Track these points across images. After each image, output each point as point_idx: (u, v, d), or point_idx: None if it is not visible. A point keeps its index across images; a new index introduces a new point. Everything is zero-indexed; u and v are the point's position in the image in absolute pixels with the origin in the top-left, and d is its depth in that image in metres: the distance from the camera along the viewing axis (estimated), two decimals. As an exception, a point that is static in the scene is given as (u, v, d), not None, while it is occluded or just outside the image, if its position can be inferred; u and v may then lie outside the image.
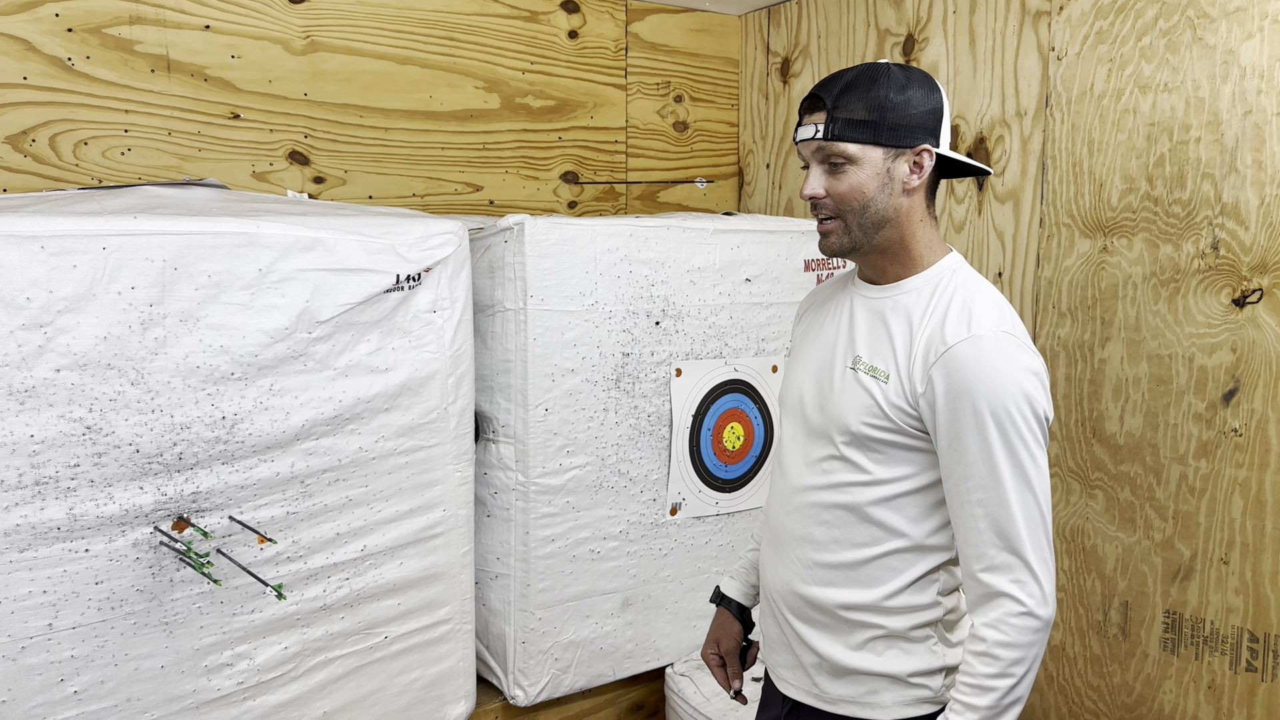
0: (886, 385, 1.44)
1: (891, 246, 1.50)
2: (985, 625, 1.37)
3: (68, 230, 1.73)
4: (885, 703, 1.52)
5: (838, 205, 1.46)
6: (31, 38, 2.24)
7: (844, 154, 1.44)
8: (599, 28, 3.10)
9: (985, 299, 1.45)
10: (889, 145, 1.45)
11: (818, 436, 1.53)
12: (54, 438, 1.76)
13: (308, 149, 2.63)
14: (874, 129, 1.43)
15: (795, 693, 1.61)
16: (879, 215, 1.46)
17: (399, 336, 2.13)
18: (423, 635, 2.30)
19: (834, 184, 1.46)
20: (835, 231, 1.48)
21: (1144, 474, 2.33)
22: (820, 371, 1.56)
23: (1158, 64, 2.24)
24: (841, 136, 1.43)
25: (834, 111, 1.43)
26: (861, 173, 1.44)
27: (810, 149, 1.47)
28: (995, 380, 1.36)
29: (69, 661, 1.84)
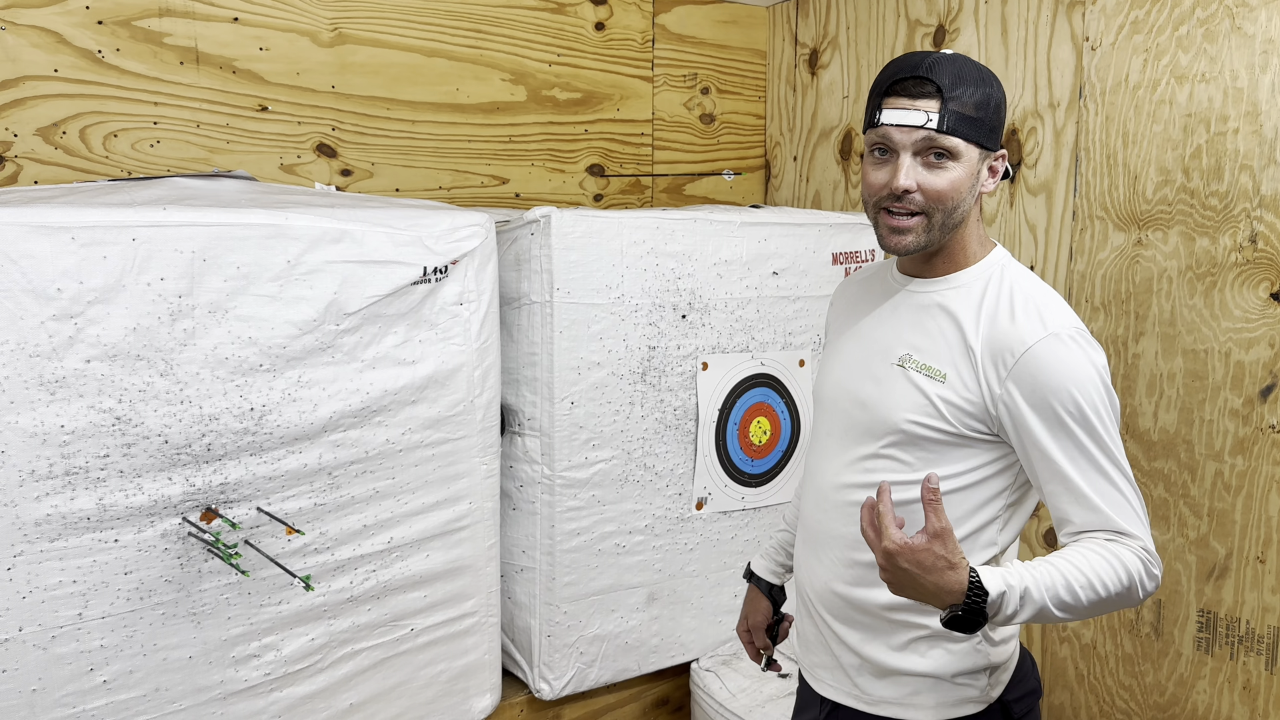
0: (943, 384, 1.39)
1: (951, 245, 1.44)
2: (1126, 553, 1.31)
3: (98, 221, 1.74)
4: (928, 704, 1.48)
5: (929, 202, 1.37)
6: (62, 30, 2.25)
7: (952, 149, 1.35)
8: (626, 19, 3.08)
9: (1048, 295, 1.41)
10: (987, 147, 1.39)
11: (860, 434, 1.48)
12: (84, 428, 1.77)
13: (335, 141, 2.64)
14: (979, 127, 1.36)
15: (834, 694, 1.57)
16: (961, 216, 1.40)
17: (426, 329, 2.13)
18: (449, 628, 2.30)
19: (930, 179, 1.36)
20: (916, 230, 1.39)
21: (1178, 471, 2.29)
22: (863, 367, 1.50)
23: (1195, 54, 2.20)
24: (956, 130, 1.34)
25: (949, 101, 1.33)
26: (961, 170, 1.36)
27: (914, 137, 1.35)
28: (1081, 378, 1.33)
29: (98, 651, 1.85)
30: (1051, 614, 1.28)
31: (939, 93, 1.33)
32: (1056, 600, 1.27)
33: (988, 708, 1.47)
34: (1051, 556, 1.31)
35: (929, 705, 1.48)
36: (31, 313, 1.69)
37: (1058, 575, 1.27)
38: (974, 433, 1.39)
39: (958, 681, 1.47)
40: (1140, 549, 1.32)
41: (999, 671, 1.49)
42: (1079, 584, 1.28)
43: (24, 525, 1.74)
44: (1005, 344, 1.35)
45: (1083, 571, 1.28)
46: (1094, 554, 1.30)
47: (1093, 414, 1.33)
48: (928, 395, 1.40)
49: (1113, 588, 1.29)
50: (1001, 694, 1.49)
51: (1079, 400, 1.32)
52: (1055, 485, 1.35)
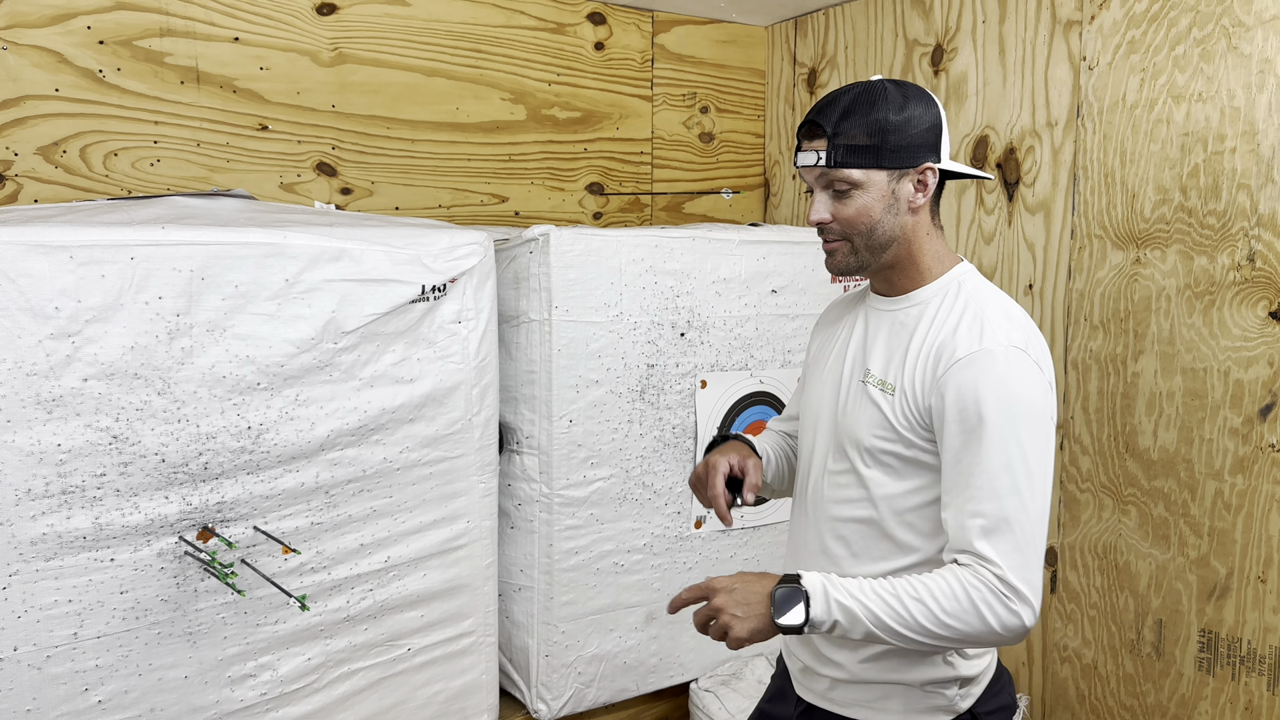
0: (893, 398, 1.44)
1: (899, 262, 1.50)
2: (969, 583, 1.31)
3: (96, 240, 1.74)
4: (896, 708, 1.52)
5: (844, 229, 1.46)
6: (64, 50, 2.27)
7: (848, 180, 1.44)
8: (625, 39, 3.09)
9: (996, 310, 1.43)
10: (892, 167, 1.44)
11: (835, 450, 1.52)
12: (81, 447, 1.77)
13: (335, 160, 2.64)
14: (876, 153, 1.43)
15: (810, 696, 1.62)
16: (886, 236, 1.47)
17: (424, 347, 2.13)
18: (446, 648, 2.29)
19: (840, 209, 1.45)
20: (840, 251, 1.49)
21: (1178, 490, 2.29)
22: (836, 385, 1.56)
23: (1191, 73, 2.20)
24: (844, 163, 1.43)
25: (835, 138, 1.42)
26: (867, 196, 1.44)
27: (813, 175, 1.47)
28: (1004, 396, 1.35)
29: (93, 671, 1.84)
30: (878, 618, 1.30)
31: (824, 133, 1.43)
32: (880, 604, 1.30)
33: (956, 718, 1.50)
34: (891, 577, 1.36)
35: (897, 710, 1.51)
36: (29, 331, 1.69)
37: (884, 585, 1.33)
38: (925, 444, 1.42)
39: (926, 690, 1.50)
40: (994, 577, 1.30)
41: (970, 684, 1.52)
42: (907, 594, 1.31)
43: (20, 544, 1.74)
44: (940, 355, 1.40)
45: (914, 585, 1.32)
46: (936, 575, 1.33)
47: (1006, 429, 1.33)
48: (881, 410, 1.45)
49: (947, 605, 1.29)
50: (972, 706, 1.52)
51: (991, 414, 1.34)
52: (951, 495, 1.37)
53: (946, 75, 2.77)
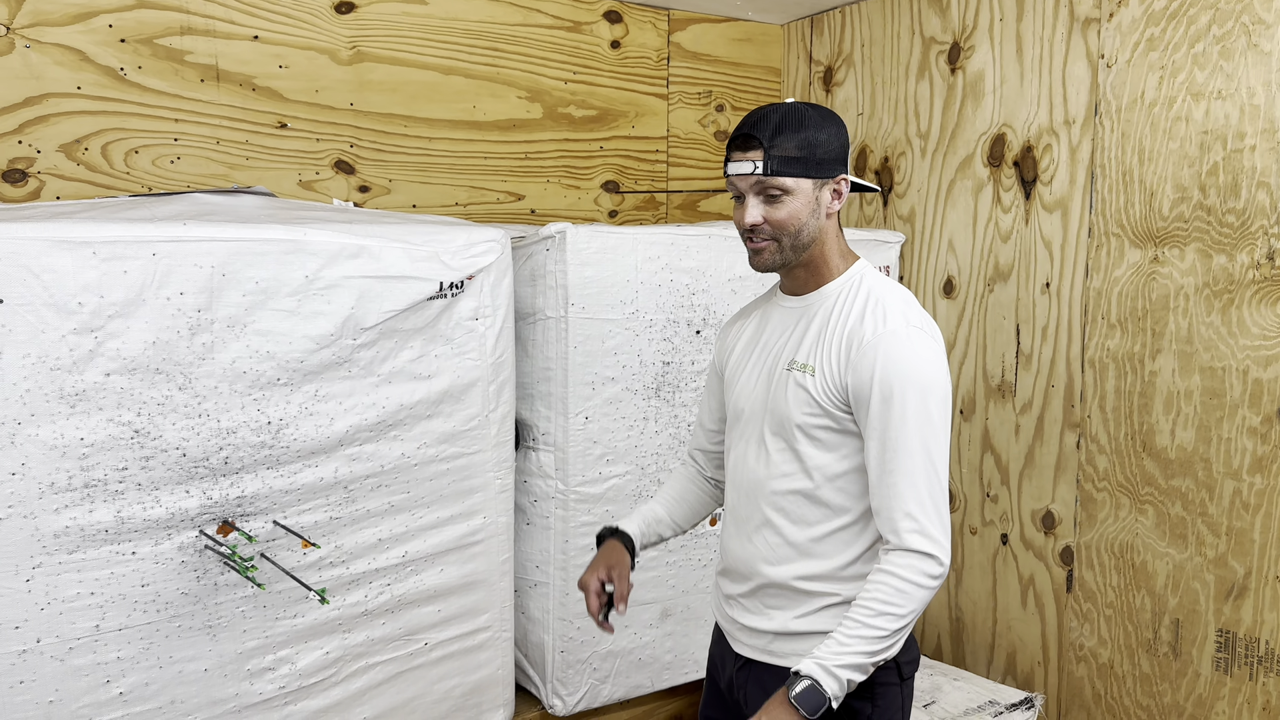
0: (814, 379, 1.63)
1: (813, 260, 1.70)
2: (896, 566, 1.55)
3: (119, 236, 1.76)
4: None
5: (775, 231, 1.64)
6: (85, 48, 2.29)
7: (781, 187, 1.62)
8: (641, 37, 3.10)
9: (893, 299, 1.64)
10: (816, 177, 1.64)
11: (770, 434, 1.70)
12: (103, 441, 1.78)
13: (353, 158, 2.66)
14: (805, 164, 1.62)
15: (750, 651, 1.77)
16: (809, 237, 1.66)
17: (441, 344, 2.14)
18: (462, 642, 2.30)
19: (772, 212, 1.64)
20: (768, 250, 1.66)
21: (1196, 489, 2.28)
22: (764, 376, 1.74)
23: (1211, 71, 2.20)
24: (780, 172, 1.61)
25: (770, 150, 1.61)
26: (796, 202, 1.63)
27: (749, 183, 1.64)
28: (907, 368, 1.56)
29: (115, 663, 1.86)
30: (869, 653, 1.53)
31: (760, 145, 1.62)
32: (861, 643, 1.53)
33: (884, 665, 1.68)
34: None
35: None
36: (53, 326, 1.71)
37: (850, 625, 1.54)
38: (845, 417, 1.62)
39: None
40: (920, 555, 1.54)
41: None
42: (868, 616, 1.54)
43: (43, 537, 1.75)
44: (850, 338, 1.61)
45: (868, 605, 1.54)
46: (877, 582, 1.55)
47: (918, 401, 1.55)
48: (807, 390, 1.64)
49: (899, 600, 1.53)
50: (896, 655, 1.68)
51: (904, 388, 1.55)
52: (878, 486, 1.58)
53: (963, 73, 2.76)
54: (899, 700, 1.73)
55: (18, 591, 1.75)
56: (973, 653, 2.87)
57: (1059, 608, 2.62)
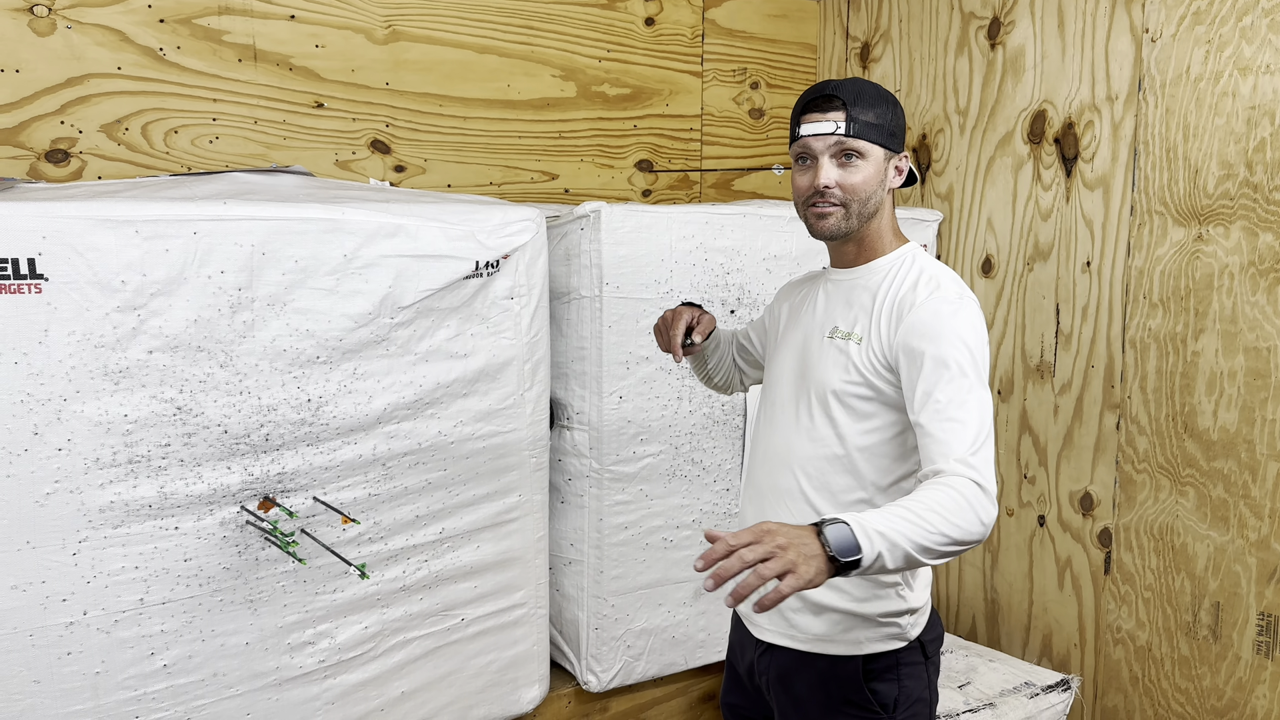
0: (860, 346, 1.63)
1: (869, 234, 1.69)
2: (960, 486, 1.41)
3: (161, 215, 1.78)
4: (858, 639, 1.68)
5: (846, 195, 1.63)
6: (125, 28, 2.31)
7: (859, 150, 1.62)
8: (675, 14, 3.08)
9: (945, 275, 1.64)
10: (888, 148, 1.65)
11: (805, 401, 1.69)
12: (146, 418, 1.81)
13: (389, 138, 2.67)
14: (882, 132, 1.63)
15: (771, 636, 1.74)
16: (874, 206, 1.65)
17: (477, 323, 2.15)
18: (498, 618, 2.32)
19: (846, 176, 1.62)
20: (835, 215, 1.64)
21: (1239, 471, 2.25)
22: (804, 346, 1.74)
23: (1259, 45, 2.15)
24: (861, 135, 1.61)
25: (853, 110, 1.60)
26: (869, 168, 1.63)
27: (827, 143, 1.62)
28: (963, 329, 1.54)
29: (159, 636, 1.89)
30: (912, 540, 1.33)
31: (844, 106, 1.61)
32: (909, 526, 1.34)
33: (908, 645, 1.69)
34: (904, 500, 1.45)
35: (860, 640, 1.68)
36: (97, 304, 1.73)
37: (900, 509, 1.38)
38: (887, 385, 1.60)
39: (881, 621, 1.67)
40: (975, 483, 1.42)
41: (917, 615, 1.71)
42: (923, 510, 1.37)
43: (89, 512, 1.79)
44: (902, 304, 1.60)
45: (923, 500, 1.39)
46: (935, 487, 1.41)
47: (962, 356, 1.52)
48: (848, 356, 1.64)
49: (954, 511, 1.37)
50: (920, 634, 1.70)
51: (952, 352, 1.52)
52: (921, 415, 1.52)
53: (1003, 49, 2.72)
54: (925, 678, 1.73)
55: (65, 565, 1.78)
56: (1008, 634, 2.86)
57: (1096, 590, 2.59)
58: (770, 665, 1.76)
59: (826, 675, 1.70)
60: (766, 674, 1.77)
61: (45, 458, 1.74)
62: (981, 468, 1.45)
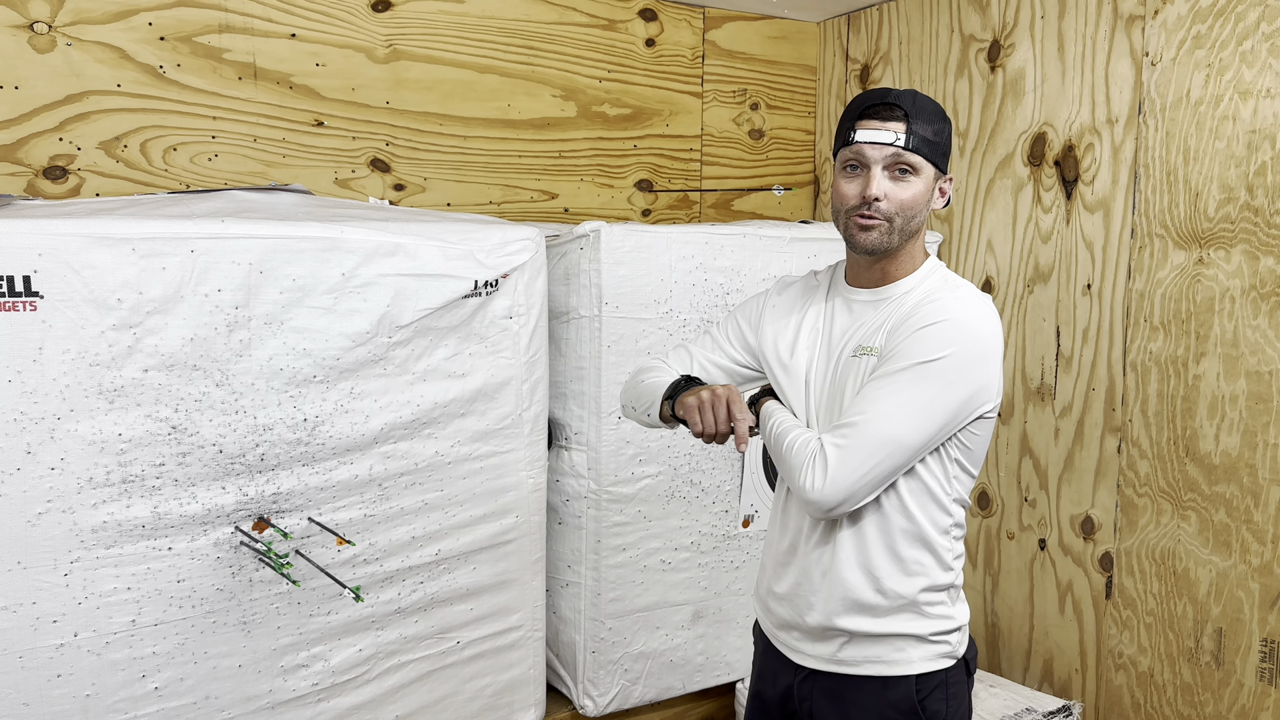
0: (877, 359, 1.58)
1: (903, 254, 1.63)
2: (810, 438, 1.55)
3: (158, 233, 1.77)
4: (913, 658, 1.63)
5: (894, 210, 1.55)
6: (125, 46, 2.30)
7: (915, 165, 1.55)
8: (676, 35, 3.09)
9: (956, 292, 1.58)
10: (939, 168, 1.59)
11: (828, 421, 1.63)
12: (141, 437, 1.79)
13: (389, 156, 2.66)
14: (935, 149, 1.57)
15: (813, 662, 1.68)
16: (918, 226, 1.59)
17: (476, 342, 2.14)
18: (494, 641, 2.30)
19: (897, 190, 1.55)
20: (880, 230, 1.56)
21: (1241, 495, 2.23)
22: (828, 364, 1.66)
23: (1260, 69, 2.15)
24: (919, 149, 1.54)
25: (913, 123, 1.53)
26: (921, 184, 1.56)
27: (884, 153, 1.55)
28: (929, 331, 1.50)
29: (150, 658, 1.87)
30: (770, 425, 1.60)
31: (906, 117, 1.54)
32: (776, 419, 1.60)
33: (956, 663, 1.66)
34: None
35: (913, 660, 1.63)
36: (92, 322, 1.72)
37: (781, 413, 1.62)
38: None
39: (934, 639, 1.63)
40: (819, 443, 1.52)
41: (962, 631, 1.68)
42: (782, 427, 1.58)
43: (81, 532, 1.77)
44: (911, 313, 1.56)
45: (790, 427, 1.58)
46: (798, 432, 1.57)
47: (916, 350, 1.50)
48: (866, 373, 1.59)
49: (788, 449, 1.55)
50: (964, 652, 1.68)
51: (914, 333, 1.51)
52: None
53: (1003, 71, 2.73)
54: (968, 696, 1.71)
55: (56, 585, 1.76)
56: (1009, 659, 2.83)
57: (1098, 615, 2.57)
58: (813, 691, 1.68)
59: (879, 697, 1.63)
60: (809, 700, 1.69)
61: (38, 477, 1.72)
62: (840, 440, 1.50)
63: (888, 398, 1.50)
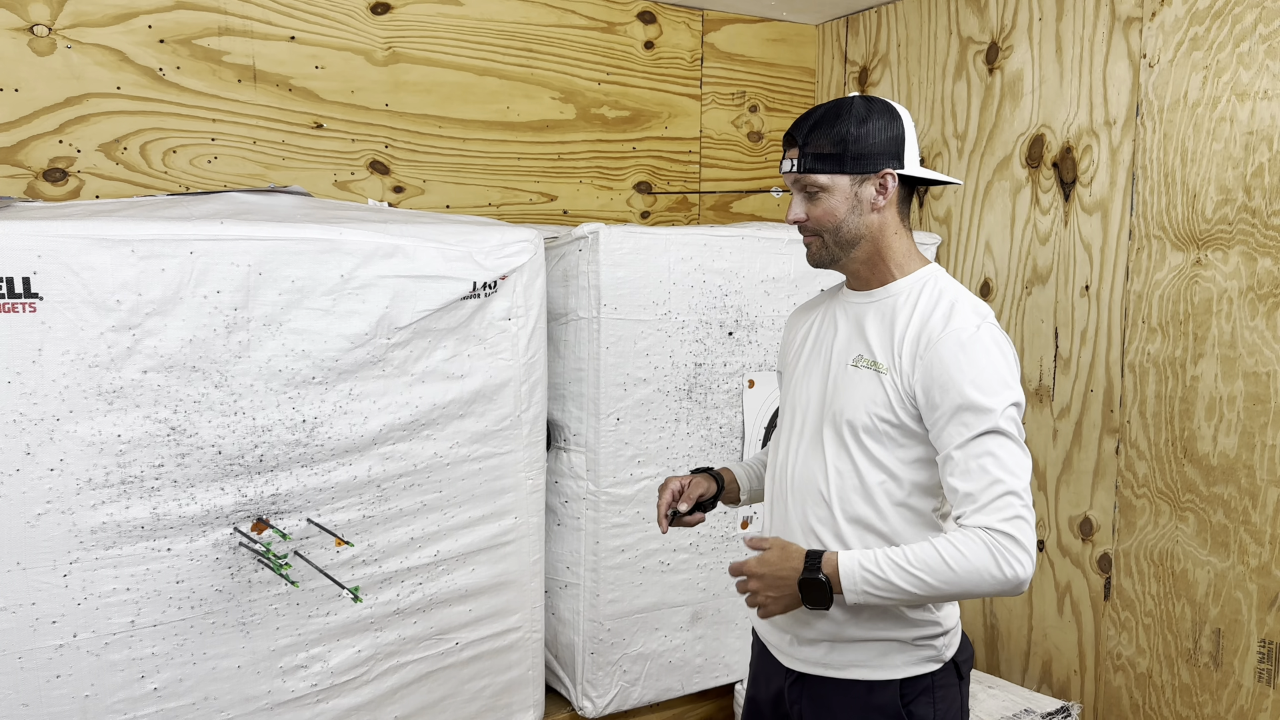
0: (885, 375, 1.60)
1: (869, 257, 1.67)
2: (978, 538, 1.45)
3: (157, 235, 1.77)
4: (896, 663, 1.65)
5: (815, 226, 1.65)
6: (125, 49, 2.31)
7: (816, 184, 1.63)
8: (675, 38, 3.09)
9: (965, 302, 1.61)
10: (854, 173, 1.62)
11: (828, 432, 1.66)
12: (140, 438, 1.80)
13: (388, 159, 2.67)
14: (839, 160, 1.62)
15: (802, 666, 1.71)
16: (852, 233, 1.65)
17: (474, 343, 2.14)
18: (493, 642, 2.30)
19: (811, 209, 1.65)
20: (814, 245, 1.68)
21: (1239, 496, 2.23)
22: (824, 375, 1.70)
23: (1257, 70, 2.15)
24: (812, 169, 1.62)
25: (805, 148, 1.63)
26: (832, 199, 1.63)
27: (790, 180, 1.67)
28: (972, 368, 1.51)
29: (150, 659, 1.87)
30: (893, 583, 1.46)
31: (796, 142, 1.64)
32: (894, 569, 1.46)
33: (943, 666, 1.67)
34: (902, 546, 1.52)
35: (897, 664, 1.65)
36: (91, 324, 1.73)
37: (896, 553, 1.49)
38: (910, 418, 1.58)
39: (917, 644, 1.65)
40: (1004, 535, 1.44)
41: (949, 635, 1.69)
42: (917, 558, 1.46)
43: (80, 533, 1.77)
44: (920, 337, 1.58)
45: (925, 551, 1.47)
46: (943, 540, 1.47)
47: (980, 397, 1.50)
48: (873, 387, 1.61)
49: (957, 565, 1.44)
50: (953, 655, 1.68)
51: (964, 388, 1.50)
52: (944, 462, 1.53)
53: (1001, 73, 2.73)
54: (958, 700, 1.71)
55: (55, 586, 1.77)
56: (1008, 660, 2.83)
57: (1096, 616, 2.57)
58: (802, 694, 1.72)
59: (864, 701, 1.66)
60: (799, 703, 1.73)
61: (37, 478, 1.73)
62: (1013, 513, 1.45)
63: (1002, 457, 1.48)
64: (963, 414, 1.50)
